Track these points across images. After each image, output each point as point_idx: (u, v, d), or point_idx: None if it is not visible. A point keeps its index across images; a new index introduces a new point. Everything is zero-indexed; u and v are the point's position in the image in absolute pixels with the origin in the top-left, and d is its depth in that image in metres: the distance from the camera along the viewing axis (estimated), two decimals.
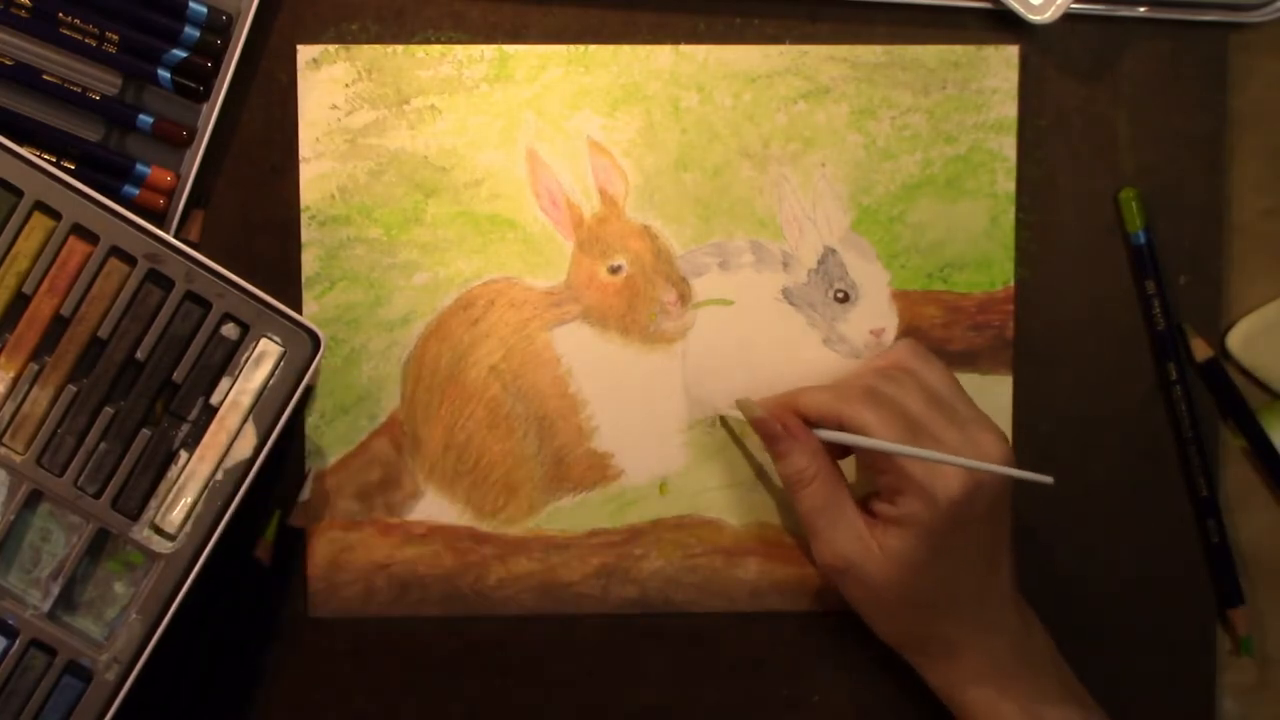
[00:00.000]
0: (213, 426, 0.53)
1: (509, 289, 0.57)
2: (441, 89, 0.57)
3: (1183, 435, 0.58)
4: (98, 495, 0.52)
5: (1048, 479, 0.51)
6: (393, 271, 0.57)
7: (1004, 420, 0.58)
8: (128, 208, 0.53)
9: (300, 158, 0.57)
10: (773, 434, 0.54)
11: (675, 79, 0.57)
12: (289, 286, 0.57)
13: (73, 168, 0.55)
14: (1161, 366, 0.58)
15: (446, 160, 0.57)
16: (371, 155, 0.57)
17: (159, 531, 0.53)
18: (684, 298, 0.58)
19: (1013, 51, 0.58)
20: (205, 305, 0.53)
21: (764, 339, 0.58)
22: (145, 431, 0.53)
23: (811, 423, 0.54)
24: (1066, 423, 0.58)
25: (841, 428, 0.53)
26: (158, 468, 0.53)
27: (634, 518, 0.58)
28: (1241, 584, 0.59)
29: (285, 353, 0.53)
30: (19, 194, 0.52)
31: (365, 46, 0.57)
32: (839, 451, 0.55)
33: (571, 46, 0.57)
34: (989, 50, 0.57)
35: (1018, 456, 0.58)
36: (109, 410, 0.52)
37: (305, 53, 0.56)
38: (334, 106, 0.57)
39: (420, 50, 0.57)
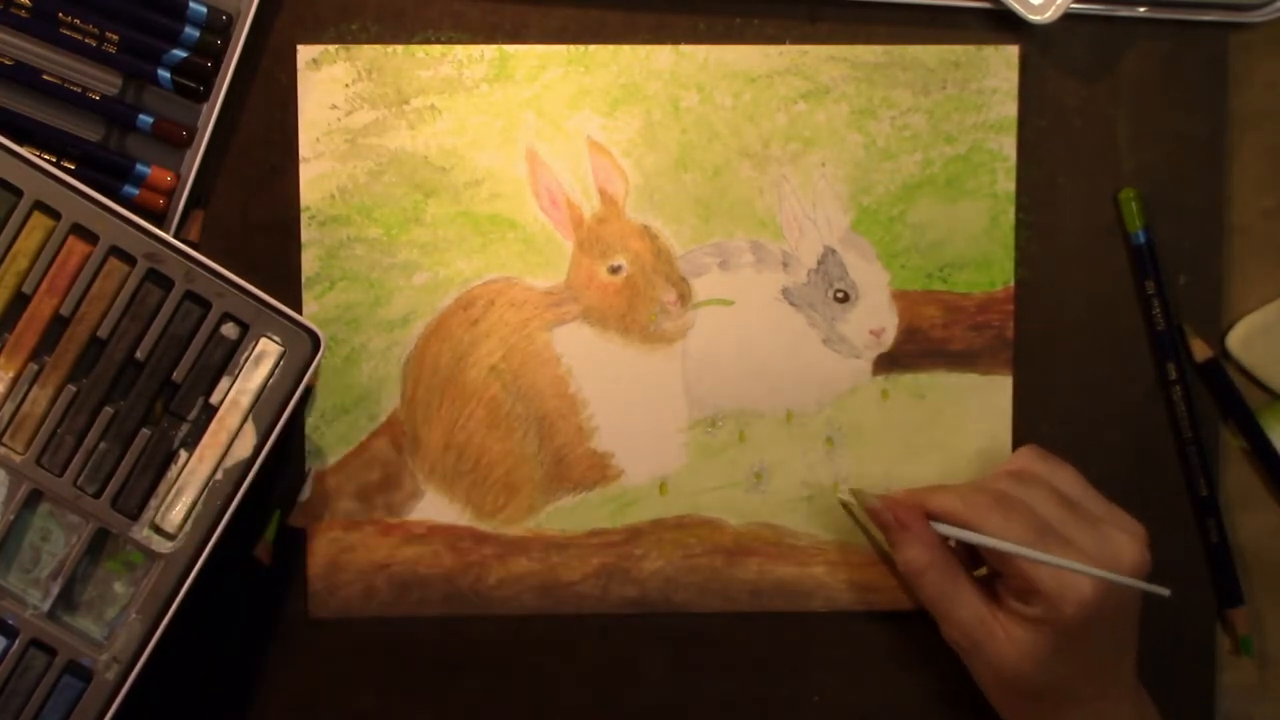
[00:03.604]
0: (212, 426, 0.53)
1: (509, 289, 0.57)
2: (441, 89, 0.57)
3: (1182, 435, 0.58)
4: (98, 495, 0.52)
5: (1164, 591, 0.51)
6: (393, 271, 0.57)
7: (1004, 420, 0.58)
8: (128, 208, 0.53)
9: (300, 158, 0.57)
10: (885, 524, 0.55)
11: (675, 79, 0.57)
12: (289, 286, 0.57)
13: (73, 168, 0.55)
14: (1161, 366, 0.58)
15: (446, 160, 0.57)
16: (371, 155, 0.57)
17: (159, 531, 0.52)
18: (684, 298, 0.58)
19: (1013, 51, 0.58)
20: (205, 305, 0.53)
21: (764, 339, 0.58)
22: (145, 431, 0.53)
23: (936, 520, 0.54)
24: (1066, 423, 0.58)
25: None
26: (157, 467, 0.53)
27: (634, 518, 0.58)
28: (1241, 584, 0.59)
29: (285, 352, 0.53)
30: (19, 194, 0.52)
31: (365, 46, 0.57)
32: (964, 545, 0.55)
33: (571, 46, 0.57)
34: (989, 50, 0.57)
35: None
36: (109, 410, 0.52)
37: (305, 53, 0.57)
38: (334, 106, 0.57)
39: (420, 50, 0.57)
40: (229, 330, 0.53)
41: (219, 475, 0.52)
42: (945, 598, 0.54)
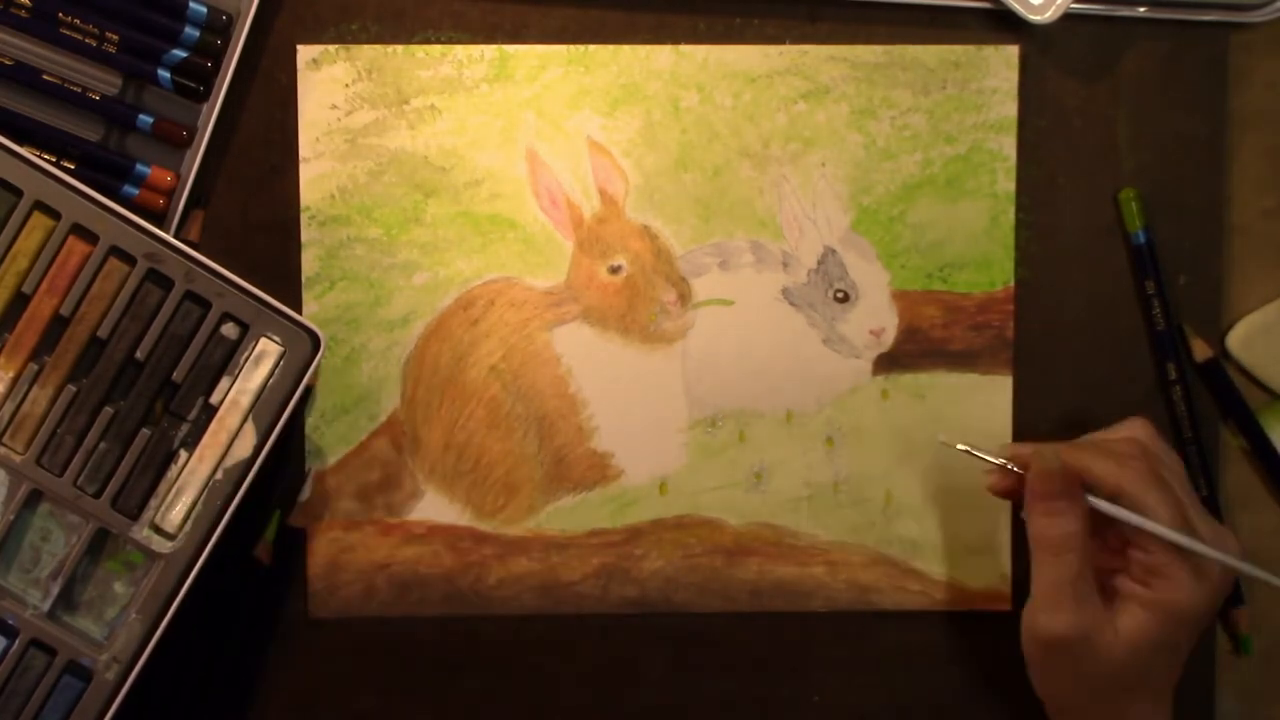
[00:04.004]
0: (212, 426, 0.53)
1: (509, 289, 0.57)
2: (441, 89, 0.57)
3: (1183, 435, 0.58)
4: (98, 495, 0.52)
5: None
6: (393, 271, 0.57)
7: (1004, 420, 0.58)
8: (128, 208, 0.53)
9: (300, 158, 0.57)
10: (1053, 491, 0.51)
11: (675, 79, 0.57)
12: (289, 286, 0.57)
13: (73, 168, 0.55)
14: (1161, 366, 0.58)
15: (446, 160, 0.57)
16: (371, 155, 0.57)
17: (159, 531, 0.53)
18: (684, 298, 0.58)
19: (1013, 51, 0.58)
20: (205, 305, 0.53)
21: (764, 339, 0.58)
22: (145, 431, 0.53)
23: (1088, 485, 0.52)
24: (1066, 423, 0.58)
25: (1119, 501, 0.51)
26: (157, 467, 0.53)
27: (634, 518, 0.58)
28: (1241, 584, 0.59)
29: (285, 352, 0.53)
30: (19, 194, 0.52)
31: (365, 46, 0.57)
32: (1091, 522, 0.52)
33: (571, 46, 0.57)
34: (989, 50, 0.57)
35: None
36: (109, 410, 0.52)
37: (305, 53, 0.57)
38: (334, 106, 0.57)
39: (420, 50, 0.57)
40: (229, 330, 0.53)
41: (219, 475, 0.52)
42: (1073, 583, 0.51)
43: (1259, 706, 0.60)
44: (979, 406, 0.58)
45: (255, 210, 0.57)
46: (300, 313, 0.55)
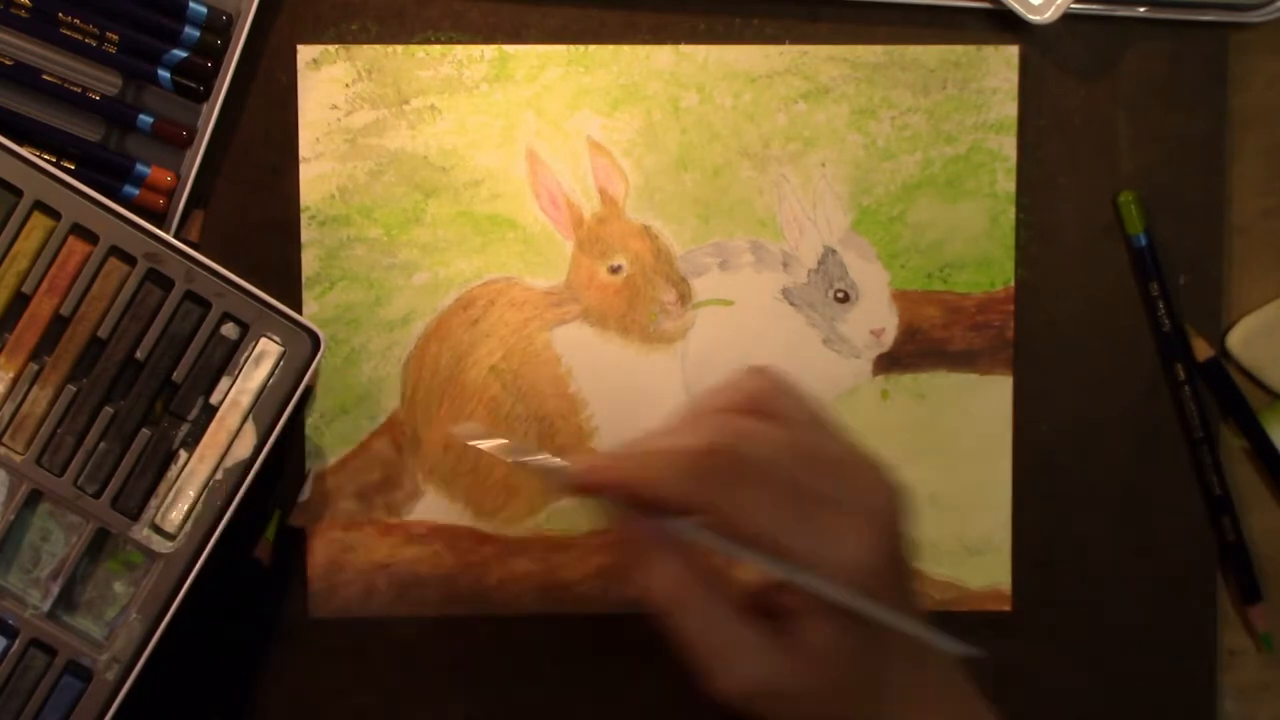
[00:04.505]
0: (212, 426, 0.53)
1: (509, 289, 0.57)
2: (441, 89, 0.57)
3: (1193, 435, 0.58)
4: (98, 495, 0.52)
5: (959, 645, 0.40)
6: (393, 271, 0.57)
7: (1004, 420, 0.58)
8: (128, 208, 0.53)
9: (300, 158, 0.57)
10: (634, 539, 0.41)
11: (675, 79, 0.57)
12: (289, 286, 0.57)
13: (73, 168, 0.55)
14: (1169, 367, 0.58)
15: (446, 160, 0.57)
16: (371, 155, 0.57)
17: (159, 531, 0.53)
18: (684, 298, 0.58)
19: (1013, 51, 0.58)
20: (205, 305, 0.53)
21: (764, 339, 0.58)
22: (145, 431, 0.53)
23: (651, 506, 0.40)
24: (1066, 423, 0.58)
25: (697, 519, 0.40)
26: (158, 467, 0.53)
27: None
28: (1258, 579, 0.58)
29: (285, 352, 0.53)
30: (19, 194, 0.52)
31: (365, 46, 0.57)
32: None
33: (571, 46, 0.57)
34: (989, 50, 0.57)
35: (1018, 458, 0.58)
36: (109, 410, 0.52)
37: (305, 53, 0.57)
38: (334, 106, 0.57)
39: (420, 50, 0.57)
40: (229, 330, 0.53)
41: (219, 475, 0.53)
42: (712, 630, 0.40)
43: (1259, 706, 0.60)
44: (979, 406, 0.58)
45: (255, 210, 0.57)
46: (300, 313, 0.55)
